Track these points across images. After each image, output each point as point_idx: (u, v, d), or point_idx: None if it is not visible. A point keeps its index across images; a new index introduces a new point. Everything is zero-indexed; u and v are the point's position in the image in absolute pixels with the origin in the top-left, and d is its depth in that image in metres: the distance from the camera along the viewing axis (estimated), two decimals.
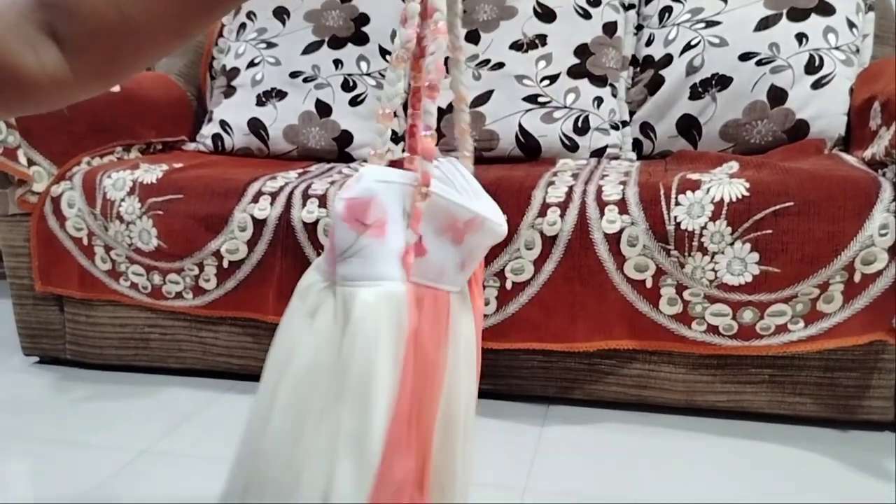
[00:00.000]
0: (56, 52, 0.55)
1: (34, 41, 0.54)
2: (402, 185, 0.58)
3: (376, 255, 0.57)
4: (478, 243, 0.62)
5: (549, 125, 1.72)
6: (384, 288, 0.56)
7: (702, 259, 1.28)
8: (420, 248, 0.60)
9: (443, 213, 0.60)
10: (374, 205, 0.56)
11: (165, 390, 1.62)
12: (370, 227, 0.57)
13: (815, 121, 1.60)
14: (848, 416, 1.35)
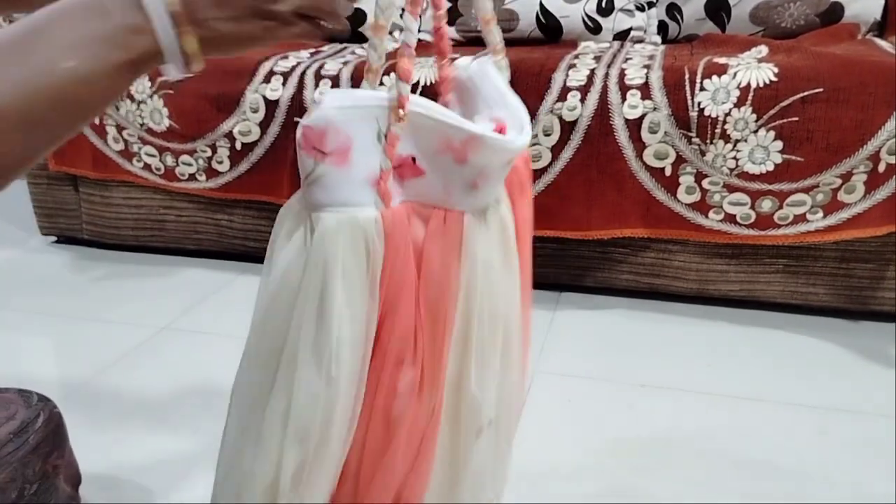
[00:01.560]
0: None
1: None
2: (374, 108, 0.55)
3: (338, 182, 0.55)
4: (487, 161, 0.59)
5: (571, 5, 1.65)
6: (347, 214, 0.55)
7: (724, 147, 1.25)
8: (415, 169, 0.58)
9: (434, 133, 0.57)
10: (330, 132, 0.54)
11: (183, 271, 1.64)
12: (329, 155, 0.54)
13: (850, 4, 1.53)
14: (860, 307, 1.35)
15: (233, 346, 1.30)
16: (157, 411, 1.13)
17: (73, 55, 0.44)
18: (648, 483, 0.97)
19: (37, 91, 0.43)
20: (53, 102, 0.44)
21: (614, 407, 1.14)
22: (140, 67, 0.46)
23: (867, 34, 1.53)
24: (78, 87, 0.44)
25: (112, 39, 0.45)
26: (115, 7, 0.45)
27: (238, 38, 0.50)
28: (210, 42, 0.48)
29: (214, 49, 0.49)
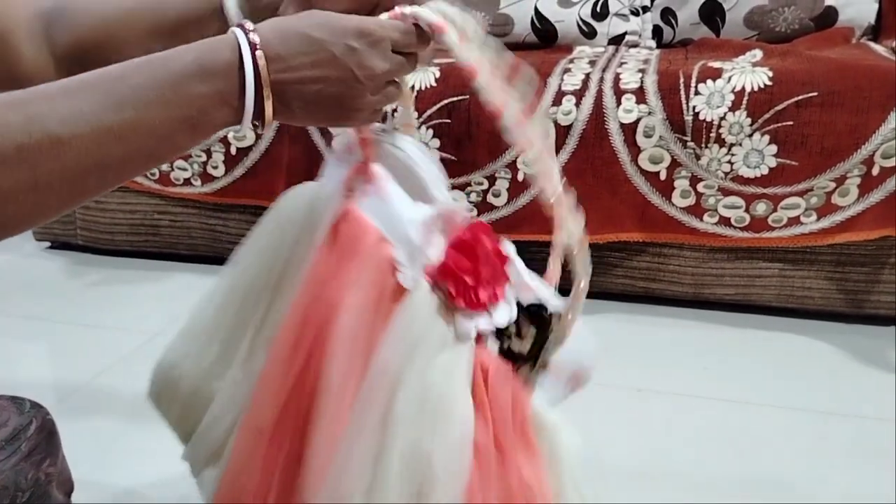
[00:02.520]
0: (48, 54, 0.64)
1: (37, 38, 0.64)
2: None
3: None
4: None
5: (566, 9, 1.65)
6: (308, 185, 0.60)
7: (718, 151, 1.26)
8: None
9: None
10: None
11: (177, 276, 1.64)
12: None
13: (844, 8, 1.53)
14: (855, 310, 1.35)
15: None
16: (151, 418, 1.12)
17: (159, 112, 0.46)
18: (644, 488, 0.97)
19: (111, 134, 0.45)
20: (119, 145, 0.45)
21: (610, 411, 1.13)
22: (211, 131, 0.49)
23: (861, 38, 1.53)
24: (150, 138, 0.46)
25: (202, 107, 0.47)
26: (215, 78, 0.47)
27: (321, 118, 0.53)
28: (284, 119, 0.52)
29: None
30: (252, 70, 0.48)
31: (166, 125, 0.46)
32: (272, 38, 0.49)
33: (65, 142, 0.43)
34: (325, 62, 0.50)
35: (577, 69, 1.37)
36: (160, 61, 0.47)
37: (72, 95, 0.44)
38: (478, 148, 1.36)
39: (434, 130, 1.37)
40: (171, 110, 0.46)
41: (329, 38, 0.50)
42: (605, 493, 0.96)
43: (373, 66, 0.51)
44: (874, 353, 1.28)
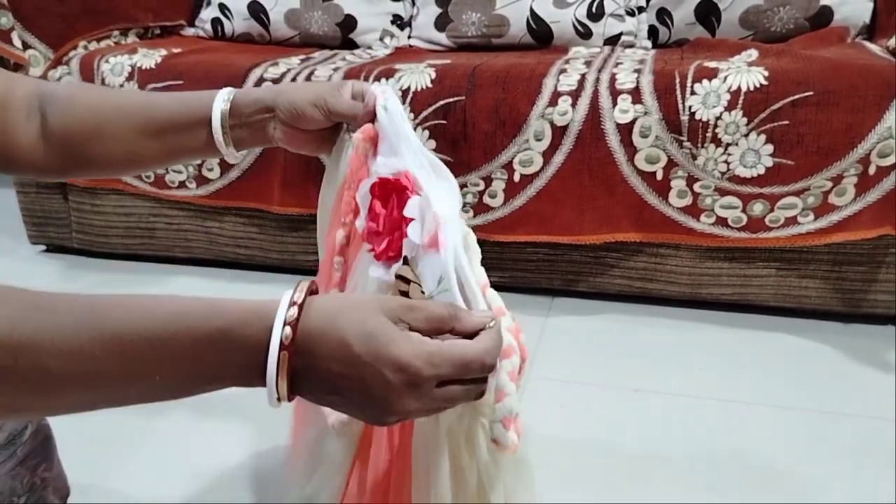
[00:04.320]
0: (39, 135, 0.66)
1: (33, 117, 0.66)
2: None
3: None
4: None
5: (561, 10, 1.65)
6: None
7: (715, 150, 1.26)
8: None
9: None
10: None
11: (173, 279, 1.63)
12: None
13: (839, 7, 1.53)
14: (852, 310, 1.35)
15: None
16: (147, 422, 1.12)
17: (165, 368, 0.44)
18: (643, 489, 0.97)
19: (104, 376, 0.42)
20: (112, 391, 0.44)
21: (608, 412, 1.13)
22: (214, 389, 0.47)
23: (856, 37, 1.53)
24: (146, 388, 0.44)
25: (213, 377, 0.46)
26: (237, 356, 0.45)
27: (331, 406, 0.50)
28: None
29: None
30: (275, 362, 0.44)
31: (169, 384, 0.44)
32: (313, 329, 0.45)
33: (54, 377, 0.40)
34: (350, 381, 0.46)
35: (572, 70, 1.37)
36: (181, 318, 0.44)
37: (79, 328, 0.41)
38: (473, 149, 1.36)
39: (430, 132, 1.37)
40: (178, 374, 0.44)
41: (367, 357, 0.45)
42: (603, 493, 0.96)
43: (400, 406, 0.47)
44: (872, 352, 1.28)
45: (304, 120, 0.69)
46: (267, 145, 0.73)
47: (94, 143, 0.67)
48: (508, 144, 1.34)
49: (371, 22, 1.81)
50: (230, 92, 0.68)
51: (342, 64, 1.52)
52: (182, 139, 0.68)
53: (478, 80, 1.36)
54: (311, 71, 1.46)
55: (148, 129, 0.67)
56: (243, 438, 1.06)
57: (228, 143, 0.69)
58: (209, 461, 1.02)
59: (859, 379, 1.21)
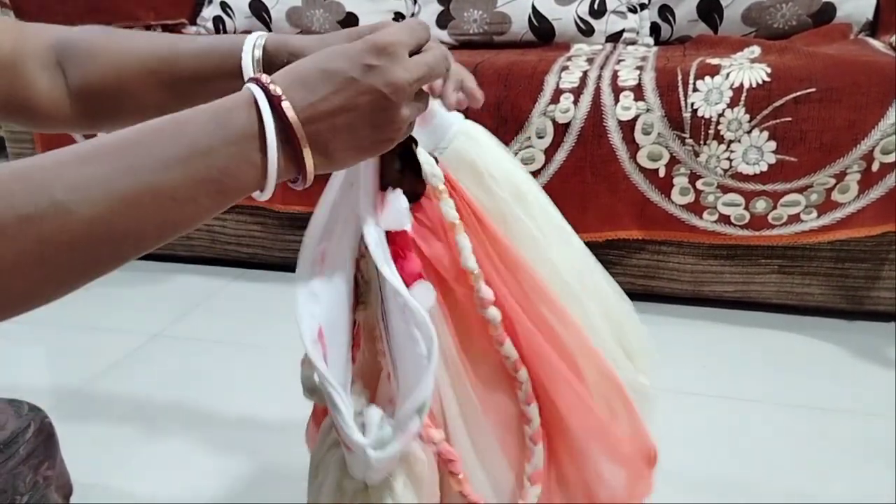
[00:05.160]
0: (63, 86, 0.63)
1: (51, 69, 0.63)
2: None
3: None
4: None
5: (563, 7, 1.65)
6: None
7: (717, 147, 1.25)
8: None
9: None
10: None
11: (175, 277, 1.63)
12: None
13: (841, 4, 1.53)
14: (855, 307, 1.35)
15: (226, 353, 1.29)
16: (150, 419, 1.12)
17: (177, 175, 0.43)
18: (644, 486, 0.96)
19: (125, 201, 0.41)
20: (135, 213, 0.42)
21: None
22: (238, 194, 0.47)
23: (859, 34, 1.53)
24: (169, 203, 0.43)
25: (225, 168, 0.45)
26: (237, 137, 0.45)
27: (359, 151, 0.51)
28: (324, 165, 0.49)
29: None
30: (273, 128, 0.45)
31: (187, 188, 0.43)
32: (293, 84, 0.47)
33: (73, 211, 0.40)
34: (350, 90, 0.47)
35: (574, 67, 1.37)
36: (175, 123, 0.44)
37: (82, 162, 0.41)
38: None
39: None
40: (191, 172, 0.43)
41: (346, 65, 0.47)
42: None
43: (397, 78, 0.48)
44: (874, 349, 1.28)
45: None
46: None
47: (119, 97, 0.64)
48: (510, 142, 1.34)
49: (372, 19, 1.81)
50: (260, 39, 0.63)
51: None
52: (211, 92, 0.63)
53: (479, 77, 1.36)
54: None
55: (174, 83, 0.64)
56: (245, 438, 1.06)
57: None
58: (211, 460, 1.02)
59: (861, 376, 1.20)
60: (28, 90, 0.63)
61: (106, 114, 0.65)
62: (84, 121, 0.66)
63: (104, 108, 0.65)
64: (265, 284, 1.58)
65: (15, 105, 0.63)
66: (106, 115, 0.65)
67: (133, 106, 0.64)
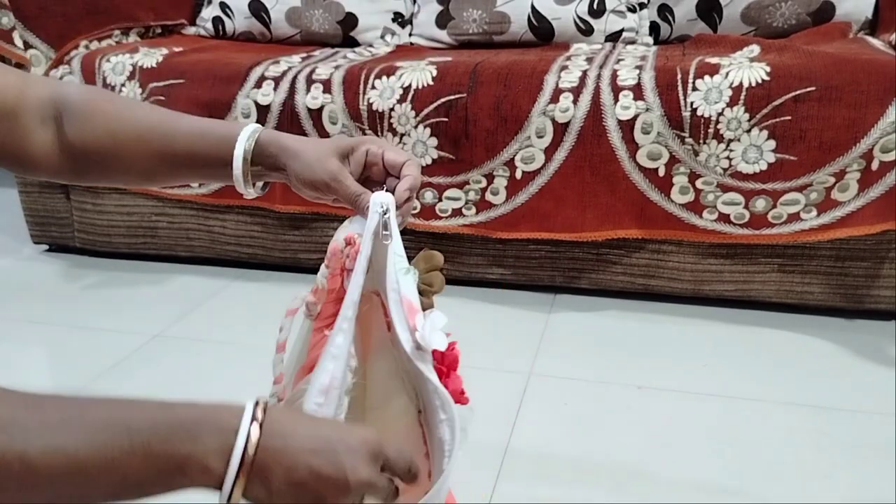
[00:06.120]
0: (55, 142, 0.65)
1: (48, 123, 0.65)
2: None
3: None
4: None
5: (563, 7, 1.65)
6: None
7: (717, 146, 1.25)
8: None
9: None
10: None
11: (175, 277, 1.63)
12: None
13: (841, 2, 1.53)
14: (855, 306, 1.35)
15: (226, 353, 1.29)
16: None
17: (136, 457, 0.44)
18: (646, 485, 0.97)
19: (82, 470, 0.43)
20: (89, 485, 0.43)
21: (611, 409, 1.13)
22: (185, 487, 0.47)
23: (859, 32, 1.53)
24: (116, 482, 0.44)
25: (182, 466, 0.46)
26: (206, 437, 0.46)
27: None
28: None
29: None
30: (238, 459, 0.46)
31: (142, 475, 0.45)
32: (280, 417, 0.49)
33: (38, 472, 0.41)
34: (317, 468, 0.48)
35: (574, 66, 1.37)
36: (160, 408, 0.47)
37: (57, 425, 0.42)
38: (475, 146, 1.36)
39: (431, 129, 1.37)
40: (151, 463, 0.44)
41: (336, 441, 0.49)
42: (606, 490, 0.96)
43: (362, 473, 0.49)
44: (874, 348, 1.28)
45: (311, 195, 0.68)
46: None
47: (109, 161, 0.66)
48: (510, 142, 1.34)
49: (372, 20, 1.81)
50: (253, 134, 0.65)
51: (343, 62, 1.52)
52: (201, 173, 0.68)
53: (479, 77, 1.36)
54: (312, 69, 1.46)
55: (166, 158, 0.66)
56: None
57: (248, 185, 0.68)
58: None
59: (861, 375, 1.20)
60: (24, 140, 0.65)
61: (93, 171, 0.68)
62: (71, 174, 0.68)
63: (93, 167, 0.67)
64: (265, 284, 1.58)
65: (8, 153, 0.65)
66: (93, 172, 0.68)
67: (121, 168, 0.67)
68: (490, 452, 1.03)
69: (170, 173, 0.68)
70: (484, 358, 1.26)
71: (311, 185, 0.65)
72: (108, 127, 0.65)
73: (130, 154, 0.66)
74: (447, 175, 1.40)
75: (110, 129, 0.65)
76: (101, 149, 0.65)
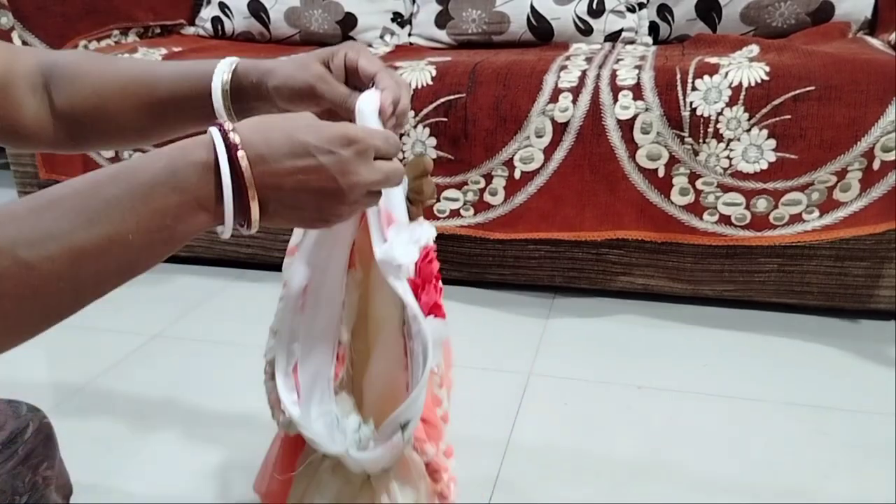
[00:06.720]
0: (47, 109, 0.65)
1: (38, 91, 0.65)
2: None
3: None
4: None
5: (562, 7, 1.65)
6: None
7: (717, 146, 1.25)
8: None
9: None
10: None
11: (175, 278, 1.63)
12: None
13: (840, 2, 1.53)
14: (855, 306, 1.35)
15: (226, 353, 1.29)
16: (150, 420, 1.12)
17: (132, 225, 0.45)
18: (646, 486, 0.96)
19: (83, 253, 0.43)
20: (93, 263, 0.44)
21: (611, 409, 1.13)
22: (189, 236, 0.49)
23: (858, 32, 1.53)
24: (126, 252, 0.46)
25: (177, 216, 0.46)
26: (189, 184, 0.46)
27: (298, 221, 0.54)
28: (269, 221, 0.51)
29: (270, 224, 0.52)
30: (228, 173, 0.46)
31: (141, 237, 0.45)
32: (255, 137, 0.48)
33: (35, 266, 0.41)
34: (308, 168, 0.49)
35: (573, 66, 1.37)
36: (130, 171, 0.45)
37: (40, 216, 0.42)
38: (474, 146, 1.36)
39: (430, 129, 1.37)
40: (144, 222, 0.45)
41: (314, 142, 0.49)
42: (606, 491, 0.95)
43: (356, 175, 0.50)
44: (874, 348, 1.27)
45: (296, 108, 0.66)
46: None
47: (99, 119, 0.66)
48: (509, 141, 1.34)
49: (371, 20, 1.81)
50: (230, 65, 0.65)
51: None
52: (186, 114, 0.67)
53: (478, 77, 1.36)
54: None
55: (152, 105, 0.66)
56: (245, 438, 1.06)
57: (232, 118, 0.67)
58: (212, 460, 1.02)
59: (862, 375, 1.20)
60: (17, 112, 0.65)
61: (88, 135, 0.68)
62: (67, 142, 0.68)
63: (86, 130, 0.67)
64: (265, 285, 1.58)
65: (2, 126, 0.65)
66: (88, 136, 0.68)
67: (113, 128, 0.67)
68: (490, 452, 1.03)
69: (159, 124, 0.68)
70: (483, 358, 1.26)
71: (297, 97, 0.64)
72: (93, 84, 0.66)
73: (118, 109, 0.66)
74: (446, 175, 1.40)
75: (95, 87, 0.66)
76: (89, 109, 0.65)
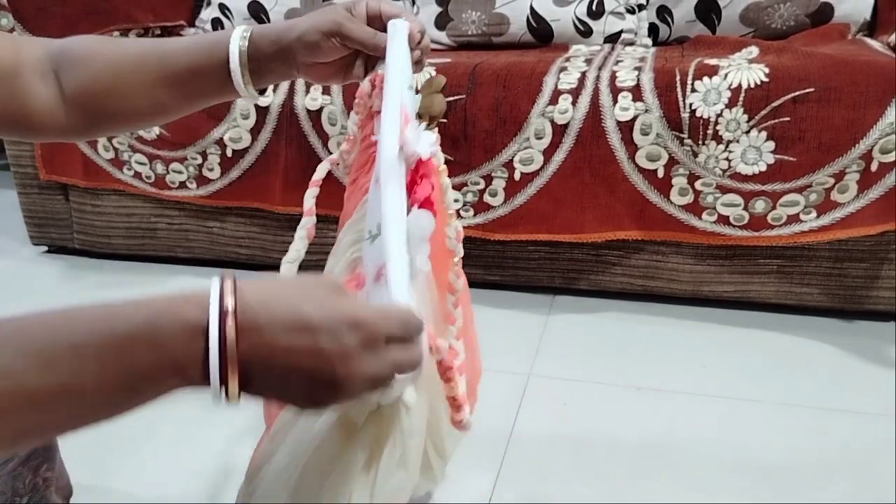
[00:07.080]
0: (58, 95, 0.64)
1: (48, 78, 0.64)
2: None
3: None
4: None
5: (561, 8, 1.65)
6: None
7: (716, 148, 1.25)
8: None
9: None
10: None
11: (175, 279, 1.63)
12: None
13: (840, 4, 1.53)
14: (854, 307, 1.35)
15: None
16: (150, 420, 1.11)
17: (91, 379, 0.39)
18: (645, 486, 0.97)
19: (31, 398, 0.38)
20: (41, 412, 0.39)
21: (610, 410, 1.13)
22: (157, 396, 0.43)
23: (857, 34, 1.53)
24: (80, 405, 0.40)
25: (146, 376, 0.41)
26: (169, 344, 0.41)
27: (288, 401, 0.46)
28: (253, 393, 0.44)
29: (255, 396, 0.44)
30: (217, 345, 0.41)
31: (101, 394, 0.40)
32: (256, 302, 0.43)
33: None
34: (303, 350, 0.42)
35: (573, 68, 1.37)
36: (108, 318, 0.40)
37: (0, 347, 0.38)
38: (474, 148, 1.36)
39: None
40: (108, 377, 0.39)
41: (318, 318, 0.43)
42: (605, 491, 0.96)
43: (357, 366, 0.43)
44: (873, 349, 1.28)
45: (322, 53, 0.66)
46: (290, 79, 0.72)
47: (114, 98, 0.65)
48: (509, 143, 1.34)
49: None
50: (246, 31, 0.65)
51: None
52: (203, 85, 0.66)
53: (478, 78, 1.36)
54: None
55: (167, 78, 0.65)
56: (245, 438, 1.06)
57: (248, 85, 0.66)
58: (212, 460, 1.02)
59: (860, 376, 1.20)
60: (26, 100, 0.63)
61: (101, 118, 0.66)
62: (80, 128, 0.66)
63: (99, 112, 0.65)
64: None
65: (12, 116, 0.64)
66: (101, 119, 0.66)
67: (128, 106, 0.65)
68: (490, 453, 1.03)
69: (175, 97, 0.66)
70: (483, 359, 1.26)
71: (325, 38, 0.64)
72: (106, 62, 0.64)
73: (131, 86, 0.64)
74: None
75: (108, 64, 0.64)
76: (103, 88, 0.64)
